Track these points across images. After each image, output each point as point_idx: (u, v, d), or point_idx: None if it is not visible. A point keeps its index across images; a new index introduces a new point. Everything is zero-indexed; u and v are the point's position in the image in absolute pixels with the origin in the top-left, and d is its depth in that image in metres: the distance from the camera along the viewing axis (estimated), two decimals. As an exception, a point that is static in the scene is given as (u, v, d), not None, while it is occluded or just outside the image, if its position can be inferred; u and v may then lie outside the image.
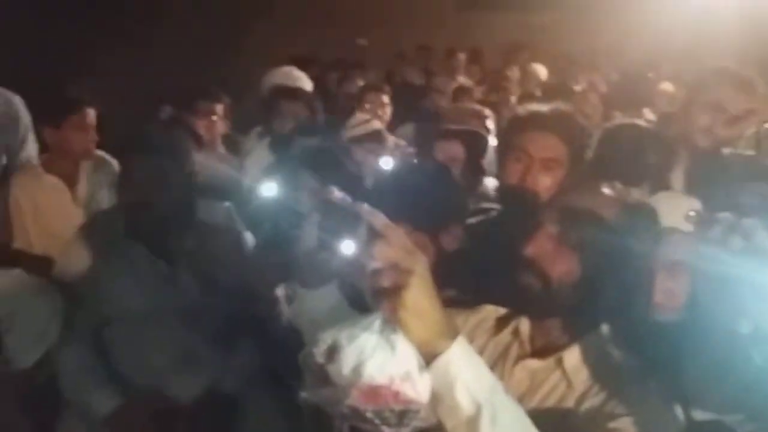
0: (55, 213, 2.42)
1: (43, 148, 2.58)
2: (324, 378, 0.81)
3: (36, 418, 1.89)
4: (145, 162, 1.89)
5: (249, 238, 2.09)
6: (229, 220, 2.08)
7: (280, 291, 1.72)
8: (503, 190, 1.72)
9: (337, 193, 0.91)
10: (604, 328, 1.15)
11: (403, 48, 6.53)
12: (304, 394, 0.84)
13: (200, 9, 5.83)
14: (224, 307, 1.99)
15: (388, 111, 3.64)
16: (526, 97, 4.19)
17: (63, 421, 1.87)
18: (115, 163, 2.46)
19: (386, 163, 2.37)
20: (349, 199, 0.89)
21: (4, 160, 2.48)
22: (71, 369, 1.84)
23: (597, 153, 1.85)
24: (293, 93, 2.86)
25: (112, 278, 1.92)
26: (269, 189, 2.07)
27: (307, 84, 3.00)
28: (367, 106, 3.51)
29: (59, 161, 2.50)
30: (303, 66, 3.68)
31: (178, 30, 5.50)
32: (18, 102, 2.49)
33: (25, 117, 2.50)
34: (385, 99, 3.70)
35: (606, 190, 1.16)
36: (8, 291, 1.78)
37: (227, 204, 2.12)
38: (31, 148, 2.53)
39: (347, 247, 0.85)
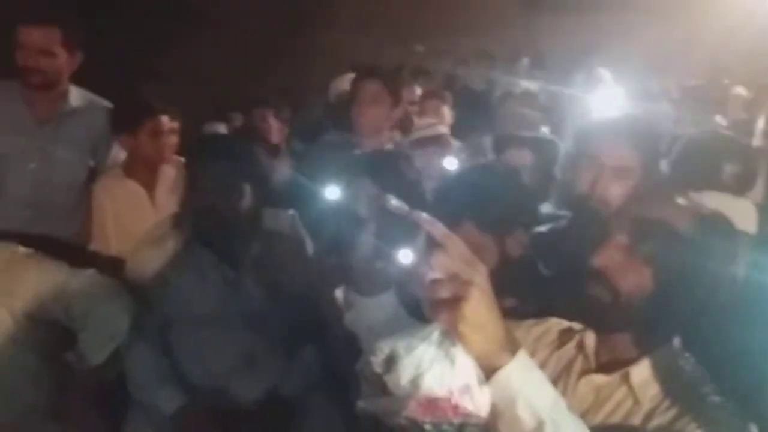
0: (133, 217, 2.47)
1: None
2: (381, 388, 0.79)
3: (104, 415, 1.95)
4: (215, 167, 1.92)
5: (311, 245, 2.10)
6: (293, 228, 2.09)
7: (338, 294, 1.71)
8: (573, 198, 1.67)
9: (394, 202, 0.89)
10: (676, 343, 1.10)
11: (463, 53, 6.48)
12: (361, 403, 0.82)
13: (263, 17, 5.94)
14: (287, 313, 2.01)
15: (448, 117, 3.61)
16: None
17: (129, 420, 1.92)
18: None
19: (450, 164, 2.35)
20: (406, 207, 0.87)
21: (92, 164, 2.57)
22: (138, 368, 1.88)
23: (677, 162, 1.78)
24: None
25: (180, 281, 1.96)
26: (331, 192, 2.08)
27: None
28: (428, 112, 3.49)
29: (138, 166, 2.55)
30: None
31: (241, 37, 5.62)
32: (108, 106, 2.57)
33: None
34: (445, 105, 3.67)
35: (680, 200, 1.10)
36: (83, 290, 1.83)
37: (292, 212, 2.14)
38: (116, 153, 2.61)
39: (405, 256, 0.83)
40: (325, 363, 1.95)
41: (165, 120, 2.53)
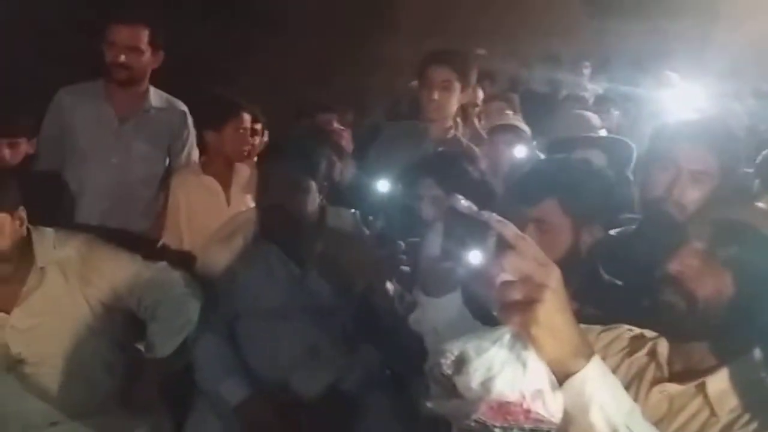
0: (207, 212, 2.54)
1: (201, 150, 2.74)
2: (451, 389, 0.78)
3: (171, 404, 2.00)
4: (283, 167, 1.95)
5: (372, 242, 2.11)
6: (356, 227, 2.11)
7: (390, 286, 1.72)
8: (647, 201, 1.61)
9: (463, 202, 0.87)
10: (757, 353, 1.04)
11: (527, 56, 6.37)
12: (429, 404, 0.81)
13: (326, 21, 5.99)
14: (349, 309, 2.03)
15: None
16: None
17: (194, 409, 1.96)
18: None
19: (521, 152, 2.30)
20: (474, 207, 0.85)
21: (167, 161, 2.65)
22: (205, 359, 1.93)
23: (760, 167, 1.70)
24: None
25: (248, 276, 2.00)
26: (382, 185, 2.09)
27: None
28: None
29: (216, 163, 2.64)
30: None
31: (308, 44, 5.68)
32: (183, 108, 2.65)
33: (189, 122, 2.65)
34: (509, 107, 3.62)
35: (760, 205, 1.04)
36: (155, 282, 1.89)
37: (354, 211, 2.16)
38: (192, 152, 2.69)
39: (473, 257, 0.80)
40: (386, 359, 1.95)
41: (248, 118, 2.63)
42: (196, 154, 2.71)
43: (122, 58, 2.42)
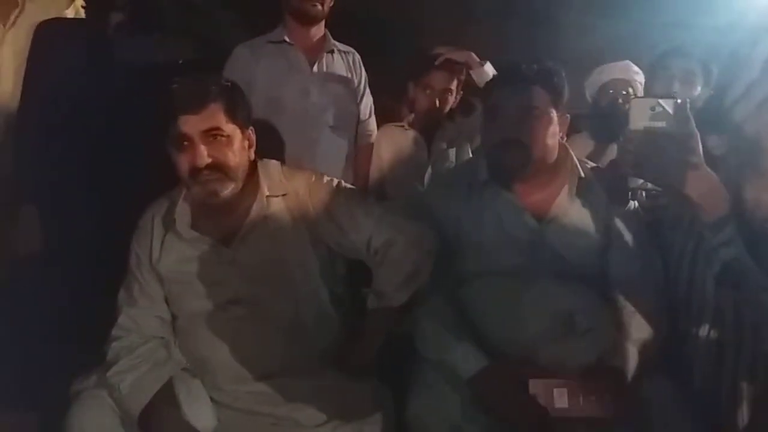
0: (410, 165, 2.36)
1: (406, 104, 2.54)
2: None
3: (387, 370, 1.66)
4: (519, 93, 1.59)
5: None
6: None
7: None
8: None
9: None
10: None
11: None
12: None
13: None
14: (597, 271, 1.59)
15: None
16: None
17: (419, 382, 1.55)
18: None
19: None
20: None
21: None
22: (430, 324, 1.56)
23: None
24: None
25: (476, 229, 1.63)
26: None
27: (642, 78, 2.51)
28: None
29: (420, 118, 2.44)
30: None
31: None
32: (358, 59, 2.43)
33: (363, 72, 2.43)
34: None
35: None
36: (386, 220, 1.57)
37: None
38: (368, 103, 2.44)
39: None
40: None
41: (439, 83, 2.38)
42: (370, 100, 2.46)
43: None
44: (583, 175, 1.67)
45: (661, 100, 1.18)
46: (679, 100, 1.18)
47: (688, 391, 1.47)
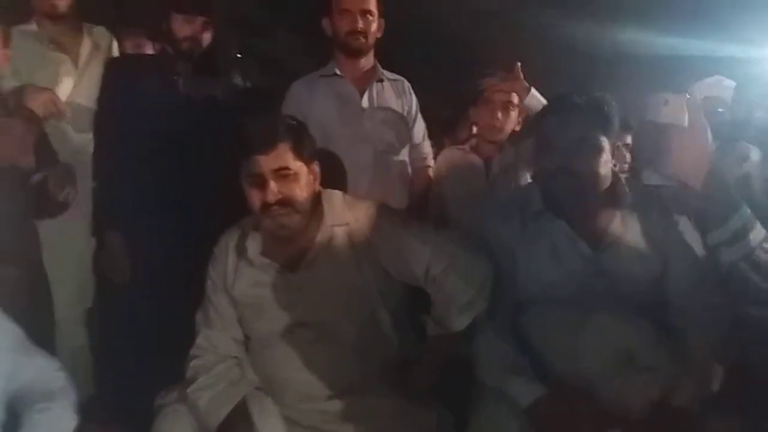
0: (469, 189, 2.37)
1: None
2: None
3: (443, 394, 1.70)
4: (572, 123, 1.59)
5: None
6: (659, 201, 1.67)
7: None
8: None
9: None
10: None
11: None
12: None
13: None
14: (656, 301, 1.59)
15: None
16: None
17: (481, 406, 1.58)
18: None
19: None
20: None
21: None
22: (488, 352, 1.60)
23: None
24: None
25: (529, 257, 1.65)
26: None
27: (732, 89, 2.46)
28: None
29: (481, 141, 2.47)
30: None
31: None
32: (407, 86, 2.49)
33: (413, 98, 2.49)
34: None
35: None
36: (444, 249, 1.62)
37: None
38: (420, 127, 2.50)
39: None
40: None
41: (499, 96, 2.36)
42: (423, 124, 2.52)
43: (359, 23, 2.29)
44: (635, 200, 1.67)
45: (671, 95, 1.20)
46: (688, 95, 1.19)
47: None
